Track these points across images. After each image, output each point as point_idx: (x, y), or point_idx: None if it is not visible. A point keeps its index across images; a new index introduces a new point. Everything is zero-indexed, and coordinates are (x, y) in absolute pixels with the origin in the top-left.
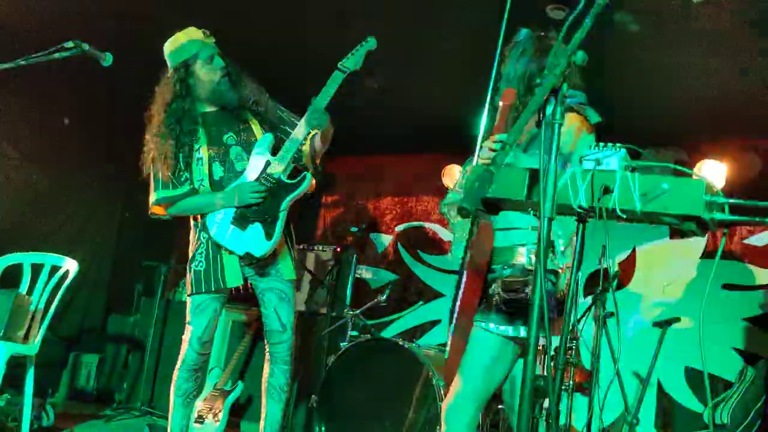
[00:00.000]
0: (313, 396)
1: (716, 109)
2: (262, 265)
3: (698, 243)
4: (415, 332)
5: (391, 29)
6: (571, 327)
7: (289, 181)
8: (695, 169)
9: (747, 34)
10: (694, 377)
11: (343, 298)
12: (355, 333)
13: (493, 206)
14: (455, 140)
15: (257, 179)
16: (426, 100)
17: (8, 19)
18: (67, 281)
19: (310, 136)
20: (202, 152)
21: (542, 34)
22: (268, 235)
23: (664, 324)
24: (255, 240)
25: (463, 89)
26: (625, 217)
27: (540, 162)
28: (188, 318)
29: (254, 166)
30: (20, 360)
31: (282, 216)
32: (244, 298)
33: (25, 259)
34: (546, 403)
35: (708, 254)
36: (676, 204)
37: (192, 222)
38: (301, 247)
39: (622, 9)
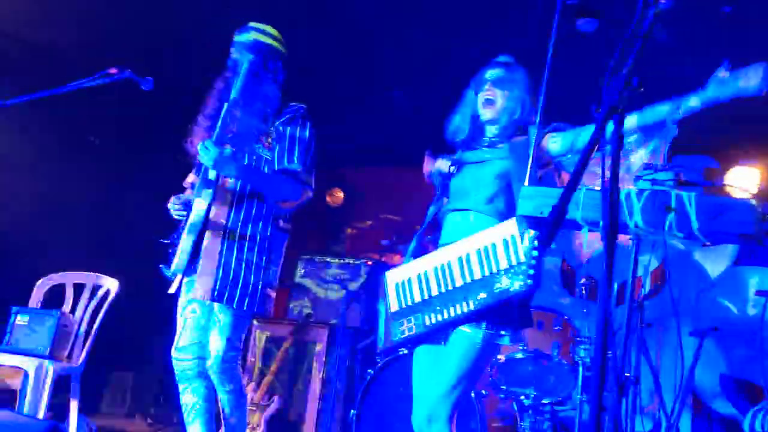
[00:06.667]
0: (352, 410)
1: (746, 113)
2: None
3: (730, 250)
4: None
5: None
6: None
7: None
8: (726, 176)
9: None
10: (729, 385)
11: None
12: None
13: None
14: None
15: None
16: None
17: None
18: (109, 300)
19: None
20: None
21: None
22: None
23: (701, 333)
24: None
25: None
26: (682, 236)
27: (602, 183)
28: None
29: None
30: (60, 380)
31: None
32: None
33: (68, 278)
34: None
35: (739, 261)
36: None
37: None
38: (330, 260)
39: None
